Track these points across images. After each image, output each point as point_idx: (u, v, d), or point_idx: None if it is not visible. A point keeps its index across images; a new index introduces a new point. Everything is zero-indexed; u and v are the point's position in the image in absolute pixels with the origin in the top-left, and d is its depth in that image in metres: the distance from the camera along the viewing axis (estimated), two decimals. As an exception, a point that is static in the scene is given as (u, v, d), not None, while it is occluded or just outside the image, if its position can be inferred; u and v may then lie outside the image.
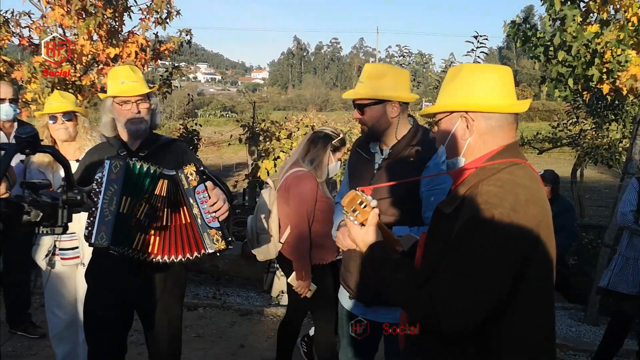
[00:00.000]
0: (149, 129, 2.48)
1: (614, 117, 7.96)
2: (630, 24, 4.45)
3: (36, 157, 3.06)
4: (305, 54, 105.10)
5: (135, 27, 6.06)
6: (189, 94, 9.66)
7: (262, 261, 3.57)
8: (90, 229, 2.12)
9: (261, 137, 9.08)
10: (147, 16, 5.91)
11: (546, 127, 12.53)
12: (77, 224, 2.74)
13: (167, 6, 5.88)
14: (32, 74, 5.28)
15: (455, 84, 1.52)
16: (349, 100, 2.27)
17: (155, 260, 2.18)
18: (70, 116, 3.03)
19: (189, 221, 2.20)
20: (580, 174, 10.08)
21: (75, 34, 5.63)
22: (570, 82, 4.82)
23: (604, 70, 4.57)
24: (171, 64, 7.11)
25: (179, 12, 6.06)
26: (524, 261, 1.35)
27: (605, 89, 4.66)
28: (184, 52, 6.95)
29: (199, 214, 2.17)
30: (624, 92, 4.64)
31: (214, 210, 2.17)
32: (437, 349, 1.46)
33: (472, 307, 1.32)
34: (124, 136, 2.45)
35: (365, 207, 1.54)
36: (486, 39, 7.20)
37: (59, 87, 5.33)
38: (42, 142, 1.46)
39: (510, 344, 1.39)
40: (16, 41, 5.75)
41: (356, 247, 1.61)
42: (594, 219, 11.58)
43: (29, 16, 5.70)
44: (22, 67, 5.39)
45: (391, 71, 2.21)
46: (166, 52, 6.21)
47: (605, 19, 4.75)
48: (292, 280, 3.12)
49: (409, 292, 1.41)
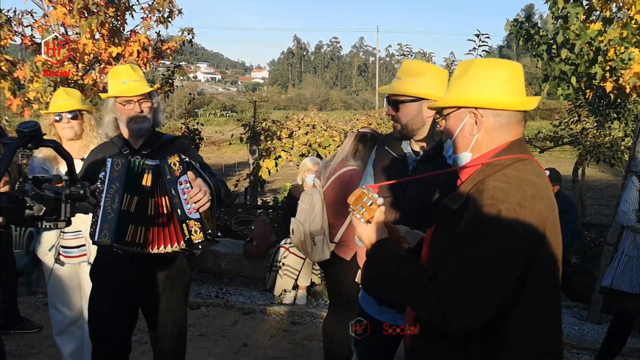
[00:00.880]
0: (152, 127, 2.48)
1: (616, 116, 7.95)
2: (633, 22, 4.44)
3: (40, 153, 3.06)
4: (305, 54, 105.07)
5: (137, 26, 6.07)
6: (190, 93, 9.65)
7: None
8: (94, 227, 2.14)
9: (262, 137, 9.08)
10: (149, 15, 5.91)
11: (547, 125, 12.52)
12: (83, 223, 2.74)
13: (169, 5, 5.88)
14: (34, 73, 5.28)
15: (465, 79, 1.50)
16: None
17: (143, 251, 2.17)
18: (75, 114, 3.01)
19: (170, 211, 2.16)
20: (581, 173, 10.08)
21: (77, 33, 5.63)
22: (573, 80, 4.82)
23: (607, 68, 4.56)
24: (172, 63, 7.11)
25: (180, 11, 6.06)
26: (530, 257, 1.34)
27: (608, 87, 4.65)
28: (184, 51, 6.95)
29: (179, 204, 2.13)
30: (627, 90, 4.63)
31: (195, 201, 2.10)
32: (441, 348, 1.45)
33: (479, 305, 1.31)
34: (127, 135, 2.45)
35: (371, 204, 1.54)
36: (488, 37, 7.20)
37: (61, 86, 5.32)
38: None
39: (515, 342, 1.37)
40: (18, 40, 5.74)
41: (360, 242, 1.61)
42: (595, 217, 11.58)
43: (31, 15, 5.71)
44: (24, 66, 5.39)
45: (430, 69, 2.14)
46: (168, 51, 6.21)
47: (608, 16, 4.75)
48: (359, 277, 3.12)
49: (415, 289, 1.41)
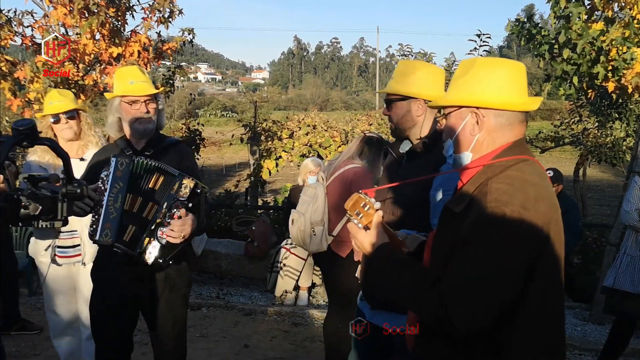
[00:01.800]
0: (155, 129, 2.48)
1: (617, 116, 7.93)
2: (635, 22, 4.43)
3: (37, 153, 3.04)
4: (305, 54, 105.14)
5: (137, 26, 6.05)
6: (191, 94, 9.64)
7: (311, 253, 3.52)
8: (94, 226, 2.13)
9: (263, 137, 9.07)
10: (150, 15, 5.90)
11: (547, 126, 12.52)
12: (79, 222, 2.73)
13: (170, 5, 5.87)
14: (34, 73, 5.27)
15: (467, 78, 1.49)
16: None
17: (127, 252, 2.17)
18: (72, 114, 2.99)
19: (148, 218, 2.18)
20: (582, 173, 10.06)
21: (77, 33, 5.62)
22: (575, 80, 4.80)
23: (610, 68, 4.55)
24: (173, 63, 7.10)
25: (181, 11, 6.05)
26: (535, 259, 1.33)
27: (610, 86, 4.63)
28: (184, 52, 6.94)
29: (160, 219, 2.16)
30: (630, 90, 4.62)
31: (171, 231, 2.15)
32: (445, 351, 1.43)
33: (484, 308, 1.30)
34: (130, 136, 2.44)
35: (368, 209, 1.51)
36: (489, 37, 7.19)
37: (61, 87, 5.31)
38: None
39: (519, 344, 1.36)
40: (19, 41, 5.74)
41: (360, 250, 1.57)
42: (596, 217, 11.57)
43: (32, 15, 5.70)
44: (24, 67, 5.38)
45: (422, 68, 2.13)
46: (169, 51, 6.20)
47: (610, 16, 4.73)
48: (360, 273, 3.17)
49: (419, 292, 1.39)
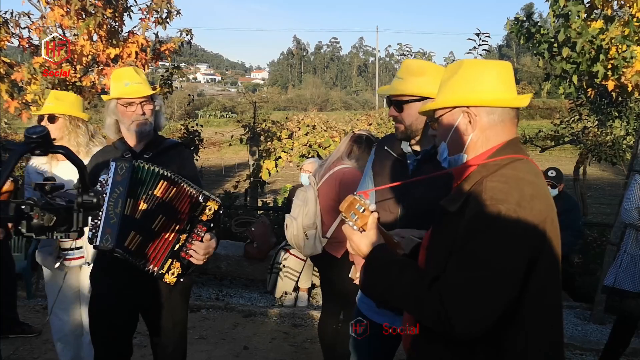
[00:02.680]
0: (153, 131, 2.46)
1: (617, 114, 7.92)
2: (635, 20, 4.41)
3: (33, 159, 3.02)
4: (305, 54, 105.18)
5: (135, 27, 6.04)
6: (190, 95, 9.64)
7: (307, 256, 3.58)
8: (94, 231, 2.09)
9: (262, 137, 9.06)
10: (147, 16, 5.88)
11: (547, 125, 12.52)
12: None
13: (168, 6, 5.85)
14: (32, 75, 5.25)
15: (455, 79, 1.49)
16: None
17: (131, 261, 2.12)
18: (53, 118, 2.95)
19: (170, 239, 2.16)
20: (582, 172, 10.05)
21: (75, 35, 5.60)
22: (574, 78, 4.78)
23: (609, 66, 4.53)
24: (171, 64, 7.08)
25: (179, 12, 6.03)
26: (532, 257, 1.32)
27: (610, 85, 4.62)
28: (183, 52, 6.93)
29: (183, 242, 2.16)
30: (629, 89, 4.60)
31: (194, 251, 2.15)
32: (444, 352, 1.42)
33: (484, 308, 1.29)
34: (128, 138, 2.42)
35: (364, 211, 1.50)
36: (488, 37, 7.17)
37: (59, 88, 5.29)
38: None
39: (520, 344, 1.35)
40: (16, 42, 5.72)
41: (355, 252, 1.55)
42: (596, 216, 11.58)
43: (29, 17, 5.68)
44: (22, 69, 5.36)
45: (432, 69, 2.12)
46: (167, 52, 6.18)
47: (609, 14, 4.71)
48: (353, 274, 3.18)
49: (418, 294, 1.37)
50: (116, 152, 2.39)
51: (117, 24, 5.80)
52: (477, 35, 7.16)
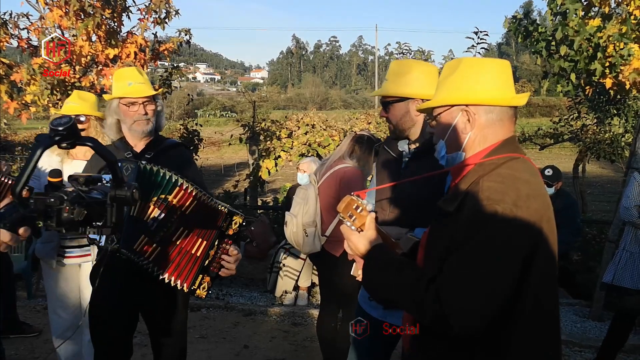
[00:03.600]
0: (154, 131, 2.47)
1: (616, 112, 7.93)
2: (632, 17, 4.41)
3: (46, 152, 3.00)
4: (304, 53, 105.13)
5: (134, 27, 6.05)
6: (189, 94, 9.64)
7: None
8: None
9: (262, 137, 9.07)
10: (146, 16, 5.90)
11: (546, 122, 12.51)
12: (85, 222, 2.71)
13: (166, 6, 5.86)
14: (31, 75, 5.27)
15: (454, 78, 1.49)
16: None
17: (146, 267, 2.11)
18: (79, 117, 2.96)
19: (198, 255, 2.16)
20: (582, 169, 10.07)
21: (73, 35, 5.60)
22: (572, 76, 4.79)
23: (607, 64, 4.54)
24: (170, 64, 7.09)
25: (177, 12, 6.05)
26: (529, 256, 1.33)
27: (608, 83, 4.62)
28: (183, 52, 6.95)
29: (212, 257, 2.18)
30: (627, 86, 4.60)
31: (225, 263, 2.19)
32: (443, 352, 1.43)
33: (481, 306, 1.30)
34: (129, 137, 2.43)
35: (361, 211, 1.51)
36: (486, 35, 7.18)
37: (58, 89, 5.31)
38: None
39: (517, 343, 1.36)
40: (15, 43, 5.73)
41: (353, 252, 1.56)
42: (596, 214, 11.57)
43: (28, 18, 5.69)
44: (21, 69, 5.37)
45: (417, 67, 2.15)
46: (165, 52, 6.20)
47: (607, 12, 4.72)
48: (355, 271, 3.20)
49: (415, 293, 1.38)
50: (117, 152, 2.39)
51: (115, 25, 5.81)
52: (476, 33, 7.18)
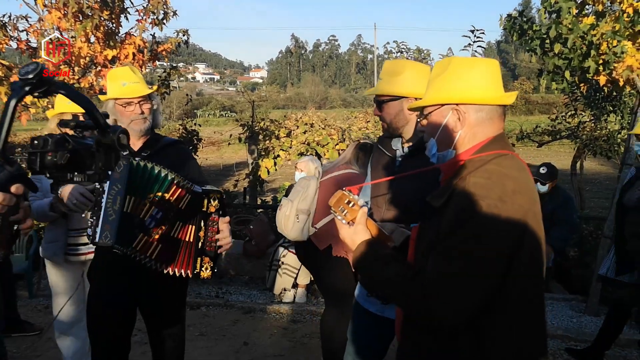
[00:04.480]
0: (151, 129, 2.50)
1: (612, 109, 7.96)
2: (625, 15, 4.45)
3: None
4: (303, 52, 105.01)
5: (132, 28, 6.08)
6: (187, 95, 9.67)
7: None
8: (93, 228, 2.12)
9: (261, 136, 9.10)
10: (144, 17, 5.93)
11: (545, 120, 12.54)
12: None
13: (164, 7, 5.90)
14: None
15: (444, 77, 1.53)
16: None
17: (149, 264, 2.15)
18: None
19: (191, 240, 2.22)
20: (580, 166, 10.10)
21: (72, 37, 5.64)
22: (567, 74, 4.83)
23: (600, 61, 4.57)
24: (169, 64, 7.12)
25: (175, 13, 6.09)
26: (513, 251, 1.36)
27: (601, 80, 4.66)
28: (181, 52, 6.99)
29: (203, 238, 2.22)
30: (621, 84, 4.64)
31: (219, 242, 2.23)
32: (428, 343, 1.47)
33: (463, 300, 1.33)
34: None
35: (353, 206, 1.56)
36: (483, 33, 7.21)
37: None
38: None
39: (501, 334, 1.39)
40: (14, 45, 5.77)
41: (347, 246, 1.61)
42: (594, 210, 11.59)
43: (26, 20, 5.72)
44: (20, 71, 5.40)
45: (410, 67, 2.18)
46: (164, 52, 6.23)
47: (600, 10, 4.76)
48: None
49: (401, 286, 1.42)
50: None
51: (114, 26, 5.84)
52: (472, 32, 7.21)
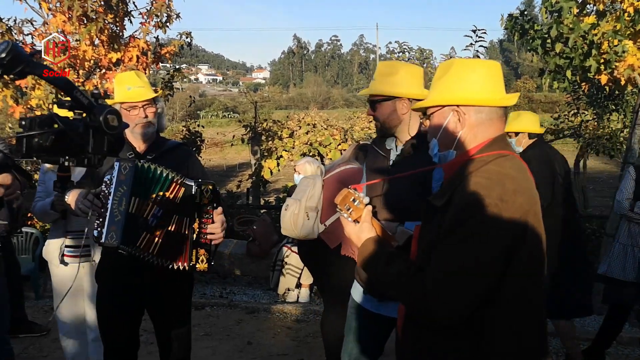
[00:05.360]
0: (156, 132, 2.55)
1: (614, 107, 7.95)
2: (626, 15, 4.47)
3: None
4: (305, 53, 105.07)
5: (136, 31, 6.14)
6: (190, 96, 9.73)
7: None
8: (100, 229, 2.17)
9: (263, 137, 9.15)
10: (148, 20, 5.99)
11: (548, 119, 12.54)
12: (88, 222, 2.79)
13: (167, 10, 5.95)
14: (36, 80, 5.35)
15: (446, 79, 1.56)
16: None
17: (153, 261, 2.20)
18: None
19: (185, 233, 2.26)
20: (583, 165, 10.10)
21: (77, 40, 5.70)
22: (568, 73, 4.84)
23: (602, 61, 4.59)
24: (172, 66, 7.18)
25: (178, 16, 6.14)
26: (513, 250, 1.38)
27: (603, 79, 4.68)
28: (184, 54, 7.05)
29: (197, 230, 2.26)
30: (622, 82, 4.66)
31: (212, 232, 2.26)
32: (429, 339, 1.50)
33: (463, 297, 1.36)
34: (132, 140, 2.51)
35: (358, 204, 1.60)
36: (484, 33, 7.20)
37: (62, 94, 5.38)
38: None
39: (502, 333, 1.42)
40: (19, 48, 5.82)
41: (352, 242, 1.66)
42: (598, 209, 11.57)
43: (31, 23, 5.78)
44: (25, 74, 5.45)
45: (403, 68, 2.23)
46: (167, 55, 6.29)
47: (601, 10, 4.78)
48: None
49: (403, 283, 1.46)
50: (120, 154, 2.48)
51: (118, 29, 5.90)
52: (474, 32, 7.21)
